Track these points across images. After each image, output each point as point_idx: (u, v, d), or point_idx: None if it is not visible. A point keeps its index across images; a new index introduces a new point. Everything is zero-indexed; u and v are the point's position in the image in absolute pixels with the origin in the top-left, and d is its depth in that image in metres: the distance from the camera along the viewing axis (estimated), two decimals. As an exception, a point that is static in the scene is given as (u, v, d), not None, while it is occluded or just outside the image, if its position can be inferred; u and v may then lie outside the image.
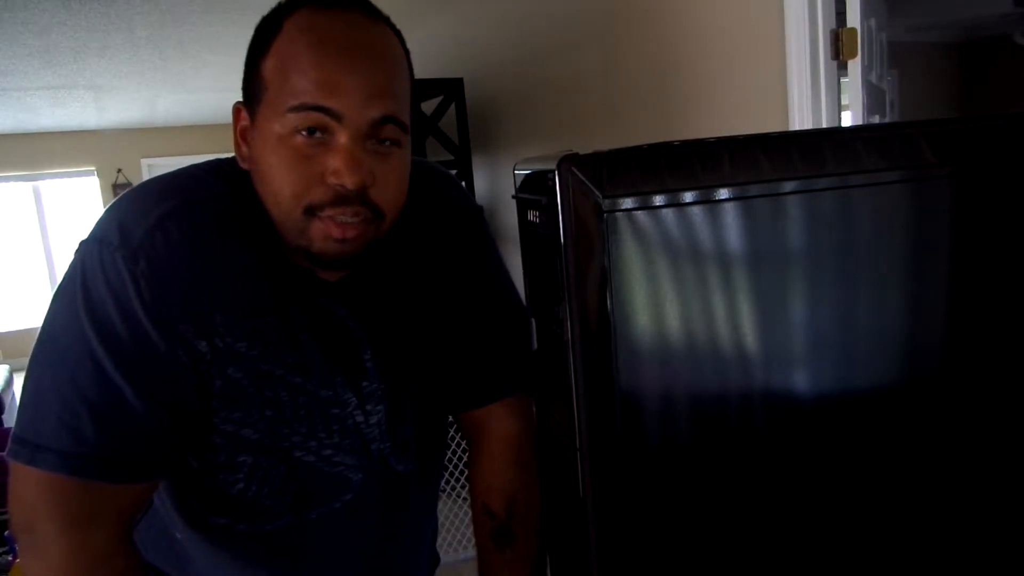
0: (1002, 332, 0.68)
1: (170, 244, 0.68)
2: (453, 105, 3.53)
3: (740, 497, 0.65)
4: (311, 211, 0.69)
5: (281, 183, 0.69)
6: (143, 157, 8.02)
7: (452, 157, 3.50)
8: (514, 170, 0.75)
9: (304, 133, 0.68)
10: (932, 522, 0.69)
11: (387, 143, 0.71)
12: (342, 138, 0.68)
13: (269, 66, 0.69)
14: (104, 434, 0.67)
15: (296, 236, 0.71)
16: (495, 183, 3.75)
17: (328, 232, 0.69)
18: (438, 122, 3.49)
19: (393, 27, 0.74)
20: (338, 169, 0.68)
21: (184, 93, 6.29)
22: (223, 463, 0.75)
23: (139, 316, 0.67)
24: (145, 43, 4.46)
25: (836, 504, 0.67)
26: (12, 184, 7.68)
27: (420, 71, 0.86)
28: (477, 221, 0.89)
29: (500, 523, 0.88)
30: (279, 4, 0.71)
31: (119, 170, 7.95)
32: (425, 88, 3.38)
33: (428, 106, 3.49)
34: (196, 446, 0.74)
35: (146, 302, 0.67)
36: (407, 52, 0.74)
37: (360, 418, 0.79)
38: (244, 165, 0.74)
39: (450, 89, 3.51)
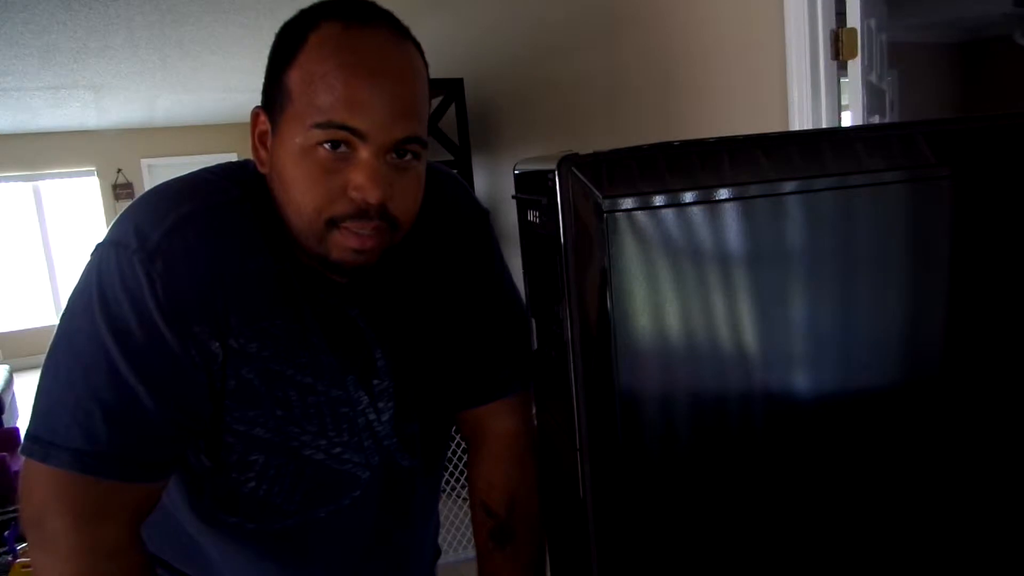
0: (1002, 333, 0.68)
1: (186, 247, 0.69)
2: (453, 105, 3.53)
3: (741, 497, 0.65)
4: (332, 223, 0.70)
5: (304, 196, 0.70)
6: (143, 157, 8.02)
7: (452, 157, 3.49)
8: (514, 170, 0.75)
9: (327, 146, 0.68)
10: (934, 523, 0.69)
11: (407, 157, 0.72)
12: (365, 154, 0.69)
13: (294, 77, 0.69)
14: (116, 433, 0.67)
15: (315, 245, 0.72)
16: (495, 183, 3.75)
17: (347, 243, 0.71)
18: (438, 122, 3.49)
19: (415, 41, 0.74)
20: (361, 185, 0.69)
21: (184, 93, 6.29)
22: (235, 462, 0.75)
23: (154, 317, 0.68)
24: (145, 43, 4.46)
25: (837, 505, 0.67)
26: (12, 184, 7.68)
27: (420, 71, 0.86)
28: (483, 223, 0.91)
29: (500, 522, 0.88)
30: (303, 13, 0.71)
31: (119, 170, 7.95)
32: (425, 88, 3.38)
33: (428, 106, 3.48)
34: (209, 445, 0.75)
35: (161, 303, 0.67)
36: (426, 64, 0.75)
37: (372, 416, 0.81)
38: (263, 170, 0.75)
39: (450, 89, 3.51)
